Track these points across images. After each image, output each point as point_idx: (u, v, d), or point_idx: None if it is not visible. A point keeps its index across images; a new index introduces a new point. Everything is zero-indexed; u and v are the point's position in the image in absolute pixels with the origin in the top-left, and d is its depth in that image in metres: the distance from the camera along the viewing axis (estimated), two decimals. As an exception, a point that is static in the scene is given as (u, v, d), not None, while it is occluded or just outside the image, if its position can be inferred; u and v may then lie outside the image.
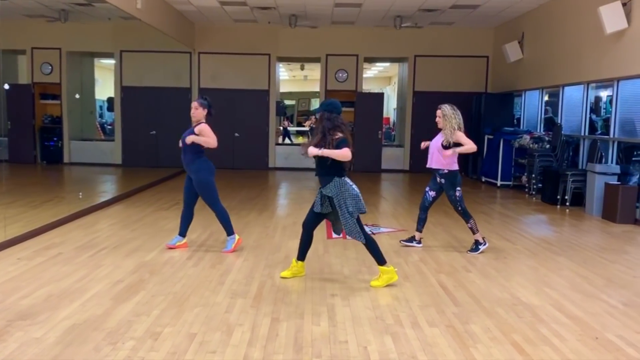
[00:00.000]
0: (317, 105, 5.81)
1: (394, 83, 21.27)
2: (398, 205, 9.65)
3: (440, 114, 6.01)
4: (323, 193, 4.87)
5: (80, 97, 15.39)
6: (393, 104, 21.72)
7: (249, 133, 14.74)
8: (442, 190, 6.15)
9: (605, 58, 8.87)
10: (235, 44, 14.48)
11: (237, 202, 9.34)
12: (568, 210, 9.12)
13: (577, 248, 6.57)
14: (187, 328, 3.87)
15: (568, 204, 9.29)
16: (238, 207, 8.82)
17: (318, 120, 4.84)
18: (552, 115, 11.93)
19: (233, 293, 4.66)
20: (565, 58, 10.27)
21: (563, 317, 4.26)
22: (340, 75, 14.70)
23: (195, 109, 5.86)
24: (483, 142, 12.47)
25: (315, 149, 4.70)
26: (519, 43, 12.25)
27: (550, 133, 10.82)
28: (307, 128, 22.45)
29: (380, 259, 4.92)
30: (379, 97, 16.11)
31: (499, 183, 11.87)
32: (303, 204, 8.72)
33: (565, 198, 9.35)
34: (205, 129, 5.80)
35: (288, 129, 22.06)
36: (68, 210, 7.81)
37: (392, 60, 17.15)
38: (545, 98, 11.91)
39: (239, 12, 12.74)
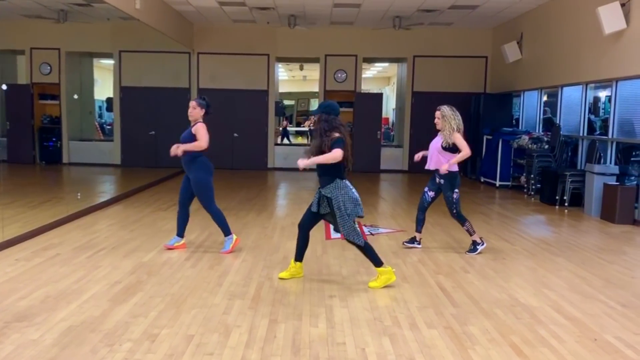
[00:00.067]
0: (316, 106, 5.81)
1: (393, 83, 21.29)
2: (397, 206, 9.64)
3: (440, 115, 6.00)
4: (322, 193, 4.87)
5: (80, 97, 15.37)
6: (392, 104, 21.73)
7: (248, 133, 14.75)
8: (440, 191, 6.15)
9: (604, 58, 8.87)
10: (234, 44, 14.48)
11: (236, 202, 9.34)
12: (567, 211, 9.12)
13: (575, 249, 6.57)
14: (184, 330, 3.86)
15: (567, 205, 9.28)
16: (237, 207, 8.82)
17: (316, 122, 4.86)
18: (550, 116, 11.93)
19: (231, 294, 4.65)
20: (564, 58, 10.27)
21: (561, 318, 4.26)
22: (339, 76, 14.70)
23: (193, 109, 5.86)
24: (482, 142, 12.47)
25: (304, 161, 4.72)
26: (518, 43, 12.25)
27: (549, 133, 10.81)
28: (306, 128, 22.48)
29: (377, 261, 4.92)
30: (378, 97, 16.13)
31: (498, 183, 11.87)
32: (302, 205, 8.70)
33: (564, 198, 9.34)
34: (200, 129, 5.78)
35: (287, 129, 22.05)
36: (66, 211, 7.81)
37: (391, 61, 17.17)
38: (544, 98, 11.92)
39: (238, 12, 12.74)
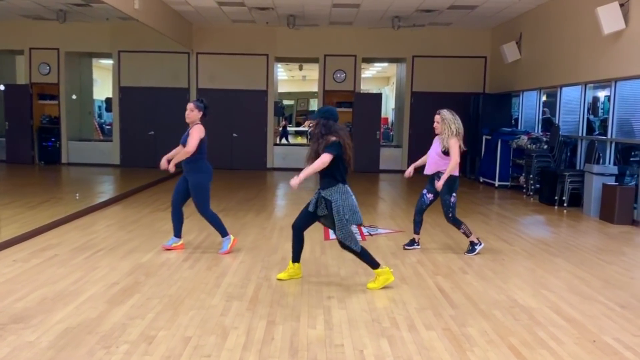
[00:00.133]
0: (315, 106, 5.81)
1: (392, 83, 21.29)
2: (396, 206, 9.62)
3: (439, 119, 5.97)
4: (322, 195, 4.86)
5: (79, 97, 15.38)
6: (391, 104, 21.74)
7: (247, 133, 14.74)
8: (439, 194, 6.13)
9: (603, 59, 8.86)
10: (233, 45, 14.46)
11: (234, 202, 9.33)
12: (566, 211, 9.11)
13: (574, 249, 6.56)
14: (181, 331, 3.85)
15: (566, 205, 9.27)
16: (235, 207, 8.81)
17: (314, 127, 4.87)
18: (549, 116, 11.92)
19: (229, 295, 4.64)
20: (563, 59, 10.26)
21: (560, 319, 4.25)
22: (339, 76, 14.69)
23: (190, 111, 5.83)
24: (481, 142, 12.47)
25: (295, 180, 4.73)
26: (517, 43, 12.24)
27: (548, 134, 10.80)
28: (306, 128, 22.46)
29: (374, 264, 4.91)
30: (377, 97, 16.12)
31: (497, 184, 11.87)
32: (301, 205, 8.57)
33: (563, 199, 9.33)
34: (193, 134, 5.73)
35: (287, 129, 22.04)
36: (65, 211, 7.80)
37: (390, 61, 17.17)
38: (543, 98, 11.91)
39: (237, 12, 12.73)
